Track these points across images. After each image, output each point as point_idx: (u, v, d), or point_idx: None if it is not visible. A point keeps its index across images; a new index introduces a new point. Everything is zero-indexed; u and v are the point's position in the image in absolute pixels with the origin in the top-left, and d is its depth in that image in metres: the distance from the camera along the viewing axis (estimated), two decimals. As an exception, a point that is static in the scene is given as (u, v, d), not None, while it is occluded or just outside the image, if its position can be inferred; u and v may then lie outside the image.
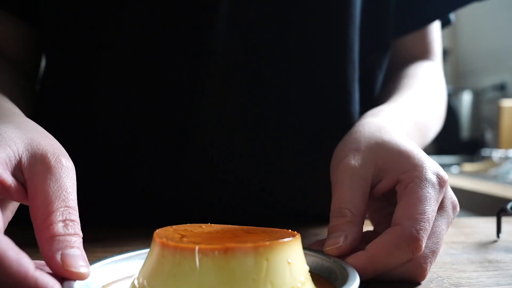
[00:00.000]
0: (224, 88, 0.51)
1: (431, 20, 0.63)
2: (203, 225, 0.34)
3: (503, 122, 2.07)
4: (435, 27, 0.65)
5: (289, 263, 0.30)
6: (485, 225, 0.59)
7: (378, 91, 0.60)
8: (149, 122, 0.52)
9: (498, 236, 0.52)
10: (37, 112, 0.54)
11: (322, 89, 0.53)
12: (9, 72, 0.52)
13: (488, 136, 2.41)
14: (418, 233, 0.34)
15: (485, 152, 1.98)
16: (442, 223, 0.37)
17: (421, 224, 0.34)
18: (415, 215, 0.35)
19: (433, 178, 0.37)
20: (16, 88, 0.50)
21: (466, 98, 2.53)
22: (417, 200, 0.36)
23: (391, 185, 0.39)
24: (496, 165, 1.77)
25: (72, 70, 0.53)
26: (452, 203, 0.39)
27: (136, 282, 0.31)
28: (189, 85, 0.51)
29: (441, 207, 0.38)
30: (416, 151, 0.39)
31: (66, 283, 0.29)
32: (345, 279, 0.30)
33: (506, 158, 1.77)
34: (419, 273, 0.35)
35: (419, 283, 0.36)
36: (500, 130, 2.09)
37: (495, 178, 1.61)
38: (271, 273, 0.29)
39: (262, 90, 0.52)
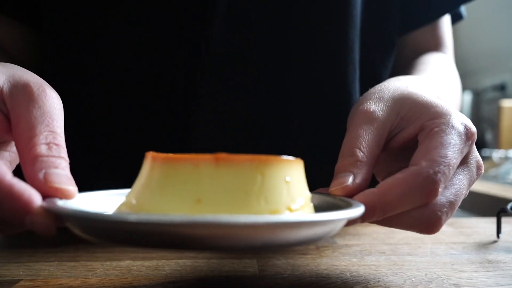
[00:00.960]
0: (222, 88, 0.51)
1: (442, 13, 0.63)
2: (201, 155, 0.33)
3: (503, 122, 2.07)
4: (446, 21, 0.65)
5: (287, 182, 0.28)
6: (485, 225, 0.59)
7: None
8: (146, 123, 0.51)
9: (498, 236, 0.52)
10: None
11: (322, 90, 0.53)
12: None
13: (488, 136, 2.41)
14: (436, 175, 0.31)
15: (485, 152, 1.98)
16: (463, 178, 0.34)
17: (440, 167, 0.31)
18: (435, 157, 0.32)
19: (460, 127, 0.34)
20: None
21: (466, 98, 2.53)
22: (440, 144, 0.32)
23: (414, 134, 0.35)
24: (496, 165, 1.77)
25: (70, 70, 0.53)
26: (477, 162, 0.36)
27: (124, 201, 0.30)
28: (187, 85, 0.51)
29: (465, 162, 0.35)
30: (443, 103, 0.36)
31: (49, 199, 0.26)
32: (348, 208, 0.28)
33: (506, 158, 1.77)
34: (432, 223, 0.32)
35: (431, 233, 0.33)
36: (500, 130, 2.09)
37: (495, 178, 1.61)
38: (265, 188, 0.27)
39: (261, 91, 0.52)
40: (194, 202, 0.26)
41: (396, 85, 0.39)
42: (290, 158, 0.29)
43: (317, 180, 0.52)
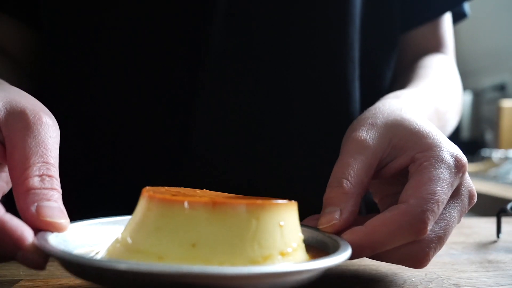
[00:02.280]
0: (222, 86, 0.51)
1: (443, 12, 0.62)
2: (198, 190, 0.33)
3: (503, 122, 2.08)
4: (447, 20, 0.64)
5: (280, 226, 0.28)
6: (485, 225, 0.59)
7: (388, 87, 0.60)
8: (146, 122, 0.51)
9: (498, 236, 0.52)
10: None
11: (321, 88, 0.53)
12: (8, 65, 0.52)
13: (488, 136, 2.41)
14: (424, 214, 0.31)
15: (485, 152, 1.98)
16: (454, 210, 0.34)
17: (429, 205, 0.31)
18: (424, 195, 0.32)
19: (450, 160, 0.34)
20: (13, 76, 0.50)
21: (466, 99, 2.53)
22: (429, 180, 0.33)
23: (405, 164, 0.36)
24: (496, 165, 1.77)
25: (69, 70, 0.53)
26: (470, 191, 0.35)
27: (119, 238, 0.30)
28: (186, 84, 0.50)
29: (457, 193, 0.35)
30: (435, 132, 0.36)
31: (40, 234, 0.27)
32: (336, 250, 0.29)
33: (506, 159, 1.77)
34: (420, 259, 0.32)
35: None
36: (500, 130, 2.09)
37: (495, 179, 1.61)
38: (259, 233, 0.27)
39: (260, 89, 0.52)
40: (189, 246, 0.26)
41: (391, 107, 0.39)
42: (284, 201, 0.29)
43: (318, 179, 0.52)
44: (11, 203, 0.31)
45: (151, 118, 0.51)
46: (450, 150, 0.35)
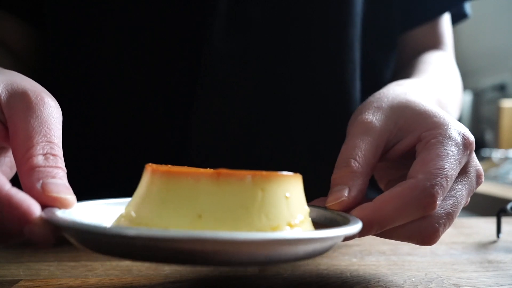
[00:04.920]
0: (222, 87, 0.51)
1: (442, 11, 0.63)
2: (201, 169, 0.33)
3: (503, 122, 2.08)
4: (446, 19, 0.65)
5: (286, 197, 0.28)
6: (485, 225, 0.59)
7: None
8: (145, 122, 0.51)
9: (498, 236, 0.52)
10: None
11: (321, 88, 0.53)
12: (11, 60, 0.52)
13: (488, 136, 2.41)
14: (433, 188, 0.31)
15: (485, 152, 1.98)
16: (462, 188, 0.34)
17: (438, 180, 0.31)
18: (432, 170, 0.32)
19: (458, 138, 0.34)
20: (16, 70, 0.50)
21: (466, 99, 2.53)
22: (437, 156, 0.32)
23: (412, 145, 0.35)
24: (496, 165, 1.77)
25: (71, 69, 0.53)
26: (477, 170, 0.35)
27: (123, 213, 0.29)
28: (186, 85, 0.50)
29: (464, 171, 0.35)
30: (441, 112, 0.36)
31: (48, 209, 0.26)
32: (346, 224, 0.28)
33: (506, 159, 1.77)
34: (430, 235, 0.32)
35: (428, 245, 0.33)
36: (500, 131, 2.09)
37: (495, 179, 1.61)
38: (266, 204, 0.27)
39: (260, 90, 0.52)
40: (195, 217, 0.26)
41: (396, 92, 0.39)
42: (290, 173, 0.29)
43: (317, 179, 0.52)
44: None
45: (151, 118, 0.51)
46: (457, 128, 0.35)
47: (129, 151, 0.52)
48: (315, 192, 0.56)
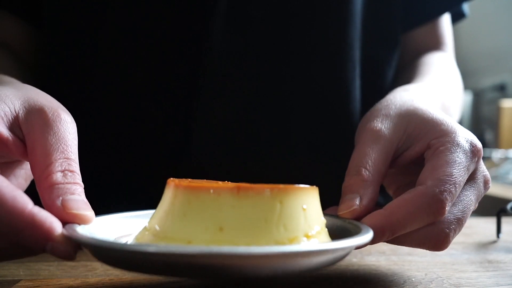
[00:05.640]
0: (222, 86, 0.51)
1: (443, 11, 0.63)
2: (220, 182, 0.33)
3: (503, 122, 2.08)
4: (446, 19, 0.65)
5: (304, 209, 0.29)
6: (485, 225, 0.59)
7: (390, 85, 0.60)
8: (146, 121, 0.51)
9: (498, 236, 0.52)
10: None
11: (321, 87, 0.53)
12: (13, 61, 0.53)
13: (488, 136, 2.41)
14: (442, 194, 0.32)
15: (485, 152, 1.97)
16: (471, 193, 0.35)
17: (447, 186, 0.32)
18: (441, 176, 0.32)
19: (466, 145, 0.35)
20: (18, 73, 0.50)
21: (466, 99, 2.54)
22: (445, 163, 0.33)
23: (421, 152, 0.36)
24: (496, 165, 1.77)
25: (70, 69, 0.53)
26: (484, 176, 0.36)
27: (147, 226, 0.30)
28: (187, 83, 0.50)
29: (472, 178, 0.35)
30: (449, 120, 0.37)
31: (68, 226, 0.28)
32: (358, 234, 0.29)
33: (506, 159, 1.77)
34: (441, 240, 0.33)
35: (439, 250, 0.34)
36: (500, 131, 2.09)
37: (495, 179, 1.61)
38: (284, 216, 0.28)
39: (260, 88, 0.52)
40: (216, 230, 0.27)
41: (403, 99, 0.40)
42: (306, 186, 0.30)
43: (318, 178, 0.52)
44: (33, 199, 0.32)
45: (151, 117, 0.51)
46: (465, 136, 0.36)
47: (129, 151, 0.52)
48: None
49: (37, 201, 0.29)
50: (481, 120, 2.57)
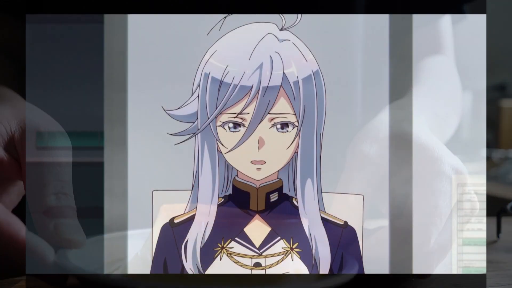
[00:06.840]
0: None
1: (442, 12, 0.62)
2: None
3: (503, 122, 2.08)
4: (446, 20, 0.65)
5: None
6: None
7: (389, 89, 0.60)
8: None
9: (498, 236, 0.52)
10: None
11: None
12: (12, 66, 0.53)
13: (488, 136, 2.41)
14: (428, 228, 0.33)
15: (485, 152, 1.98)
16: (455, 221, 0.36)
17: (431, 219, 0.33)
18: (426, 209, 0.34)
19: (451, 174, 0.36)
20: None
21: (466, 99, 2.53)
22: (431, 194, 0.35)
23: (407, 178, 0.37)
24: (496, 165, 1.77)
25: None
26: (471, 204, 0.37)
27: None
28: None
29: (459, 204, 0.36)
30: (437, 146, 0.38)
31: (60, 251, 0.29)
32: None
33: (506, 158, 1.77)
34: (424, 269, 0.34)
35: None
36: (500, 130, 2.09)
37: (495, 179, 1.60)
38: None
39: None
40: None
41: (394, 118, 0.41)
42: None
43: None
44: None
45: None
46: (451, 163, 0.36)
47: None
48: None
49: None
50: (481, 120, 2.57)
